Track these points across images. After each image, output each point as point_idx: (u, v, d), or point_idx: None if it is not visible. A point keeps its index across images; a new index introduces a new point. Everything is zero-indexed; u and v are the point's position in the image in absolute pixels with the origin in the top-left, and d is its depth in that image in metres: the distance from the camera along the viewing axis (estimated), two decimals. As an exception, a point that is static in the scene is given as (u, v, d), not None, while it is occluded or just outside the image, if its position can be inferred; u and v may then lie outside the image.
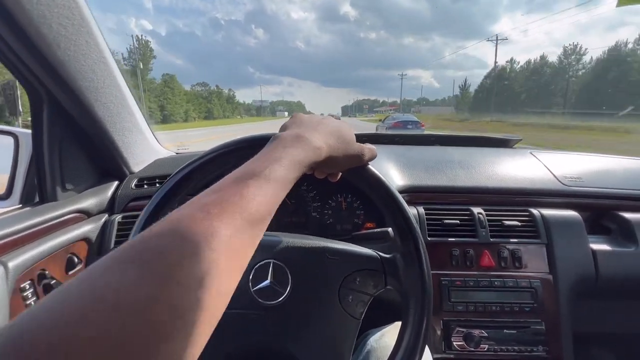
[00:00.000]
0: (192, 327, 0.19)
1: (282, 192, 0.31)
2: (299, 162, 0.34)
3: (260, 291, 0.50)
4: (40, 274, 0.62)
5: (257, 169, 0.30)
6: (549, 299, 0.71)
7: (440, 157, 0.92)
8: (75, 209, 0.72)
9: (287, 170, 0.32)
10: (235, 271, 0.24)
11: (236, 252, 0.24)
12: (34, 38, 0.51)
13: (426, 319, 0.43)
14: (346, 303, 0.50)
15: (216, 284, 0.21)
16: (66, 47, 0.56)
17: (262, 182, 0.29)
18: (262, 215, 0.28)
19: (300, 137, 0.36)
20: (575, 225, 0.75)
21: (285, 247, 0.52)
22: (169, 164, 0.93)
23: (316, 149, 0.36)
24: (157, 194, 0.47)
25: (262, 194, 0.28)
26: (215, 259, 0.22)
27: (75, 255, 0.71)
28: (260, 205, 0.27)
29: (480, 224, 0.75)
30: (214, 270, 0.21)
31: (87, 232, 0.74)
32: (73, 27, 0.56)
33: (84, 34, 0.60)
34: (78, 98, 0.64)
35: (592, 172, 0.88)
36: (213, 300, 0.21)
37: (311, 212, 0.90)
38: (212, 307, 0.21)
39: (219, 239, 0.23)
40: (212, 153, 0.47)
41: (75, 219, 0.73)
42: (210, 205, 0.25)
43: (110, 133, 0.76)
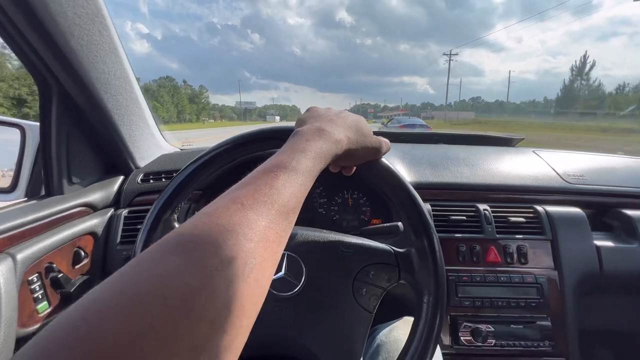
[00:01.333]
0: (237, 317, 0.19)
1: (309, 183, 0.32)
2: (323, 155, 0.34)
3: (274, 282, 0.50)
4: (47, 267, 0.62)
5: (284, 161, 0.30)
6: (555, 294, 0.71)
7: (445, 155, 0.93)
8: (82, 202, 0.72)
9: (313, 162, 0.32)
10: (272, 261, 0.25)
11: (272, 242, 0.24)
12: (49, 26, 0.51)
13: (440, 314, 0.43)
14: (359, 296, 0.50)
15: (255, 274, 0.22)
16: (80, 37, 0.56)
17: (291, 173, 0.29)
18: (293, 206, 0.28)
19: (322, 130, 0.36)
20: (579, 221, 0.76)
21: (299, 239, 0.52)
22: (174, 159, 0.92)
23: (337, 141, 0.37)
24: (169, 186, 0.47)
25: (291, 185, 0.28)
26: (252, 249, 0.22)
27: (82, 249, 0.70)
28: (291, 196, 0.28)
29: (486, 220, 0.76)
30: (252, 260, 0.22)
31: (93, 226, 0.73)
32: (88, 16, 0.56)
33: (98, 24, 0.59)
34: (88, 89, 0.64)
35: (595, 170, 0.89)
36: (253, 290, 0.21)
37: (317, 208, 0.90)
38: (253, 296, 0.21)
39: (255, 229, 0.23)
40: (223, 146, 0.47)
41: (81, 212, 0.72)
42: (243, 197, 0.25)
43: (118, 126, 0.76)
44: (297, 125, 0.41)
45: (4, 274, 0.51)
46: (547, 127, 19.13)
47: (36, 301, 0.59)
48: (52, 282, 0.62)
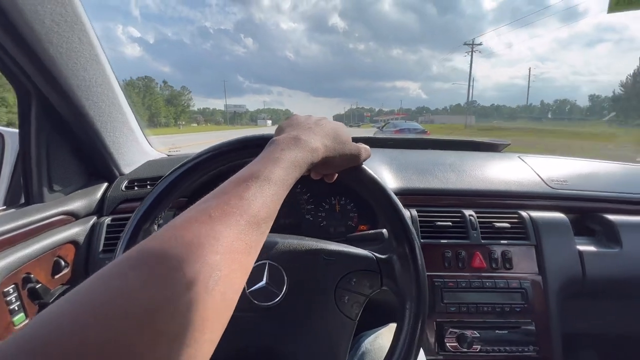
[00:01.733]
0: (200, 331, 0.19)
1: (282, 193, 0.32)
2: (297, 163, 0.34)
3: (255, 292, 0.49)
4: (25, 278, 0.60)
5: (257, 171, 0.30)
6: (539, 299, 0.72)
7: (432, 161, 0.94)
8: (63, 210, 0.70)
9: (286, 172, 0.32)
10: (241, 272, 0.24)
11: (240, 254, 0.24)
12: (25, 34, 0.50)
13: (421, 320, 0.43)
14: (342, 304, 0.50)
15: (221, 287, 0.21)
16: (58, 44, 0.55)
17: (263, 183, 0.29)
18: (264, 217, 0.28)
19: (297, 139, 0.37)
20: (562, 226, 0.77)
21: (280, 248, 0.52)
22: (160, 165, 0.91)
23: (313, 150, 0.37)
24: (150, 194, 0.46)
25: (263, 196, 0.28)
26: (218, 262, 0.22)
27: (62, 259, 0.69)
28: (262, 206, 0.28)
29: (471, 226, 0.76)
30: (217, 272, 0.21)
31: (75, 235, 0.72)
32: (66, 24, 0.55)
33: (77, 31, 0.59)
34: (68, 96, 0.63)
35: (577, 175, 0.91)
36: (218, 303, 0.21)
37: (305, 214, 0.90)
38: (218, 310, 0.21)
39: (222, 241, 0.23)
40: (206, 154, 0.46)
41: (62, 221, 0.70)
42: (211, 208, 0.25)
43: (101, 133, 0.75)
44: (276, 134, 0.41)
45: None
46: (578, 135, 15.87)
47: (12, 313, 0.57)
48: (30, 293, 0.60)
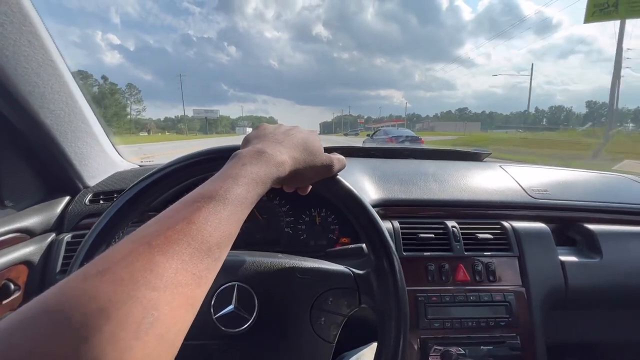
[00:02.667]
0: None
1: (242, 213, 0.29)
2: (260, 180, 0.31)
3: (223, 318, 0.45)
4: None
5: (211, 190, 0.27)
6: (523, 311, 0.70)
7: (414, 170, 0.92)
8: (14, 228, 0.64)
9: (247, 189, 0.30)
10: (186, 308, 0.21)
11: (186, 286, 0.21)
12: None
13: (403, 338, 0.41)
14: (318, 326, 0.46)
15: (157, 329, 0.18)
16: (4, 47, 0.50)
17: (217, 204, 0.26)
18: (218, 241, 0.25)
19: (261, 153, 0.34)
20: (544, 237, 0.77)
21: (250, 267, 0.48)
22: (130, 177, 0.86)
23: (279, 164, 0.34)
24: (107, 211, 0.42)
25: (217, 218, 0.25)
26: (155, 299, 0.19)
27: (12, 282, 0.62)
28: (215, 230, 0.25)
29: (454, 238, 0.74)
30: (153, 313, 0.18)
31: (29, 254, 0.66)
32: (12, 25, 0.51)
33: (27, 33, 0.54)
34: (19, 104, 0.57)
35: (558, 184, 0.91)
36: (154, 348, 0.18)
37: (284, 227, 0.86)
38: (152, 356, 0.18)
39: (162, 274, 0.20)
40: (170, 167, 0.43)
41: (13, 239, 0.64)
42: (152, 236, 0.22)
43: (60, 143, 0.69)
44: (242, 145, 0.38)
45: None
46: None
47: None
48: None
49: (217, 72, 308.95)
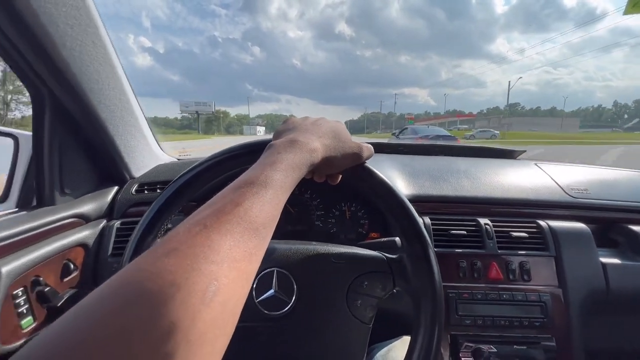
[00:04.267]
0: (197, 345, 0.18)
1: (281, 197, 0.31)
2: (296, 166, 0.34)
3: (264, 302, 0.48)
4: (34, 281, 0.60)
5: (252, 176, 0.30)
6: (559, 313, 0.69)
7: (445, 167, 0.91)
8: (73, 213, 0.70)
9: (284, 175, 0.32)
10: (242, 281, 0.24)
11: (240, 262, 0.23)
12: (39, 36, 0.50)
13: (439, 322, 0.42)
14: (355, 308, 0.48)
15: (220, 297, 0.21)
16: (72, 47, 0.56)
17: (260, 188, 0.29)
18: (264, 222, 0.27)
19: (294, 141, 0.36)
20: (583, 237, 0.74)
21: (287, 253, 0.51)
22: (170, 170, 0.91)
23: (311, 150, 0.36)
24: (156, 201, 0.46)
25: (261, 201, 0.28)
26: (215, 271, 0.21)
27: (71, 262, 0.69)
28: (260, 211, 0.27)
29: (487, 235, 0.73)
30: (215, 282, 0.21)
31: (85, 238, 0.72)
32: (80, 27, 0.56)
33: (91, 34, 0.59)
34: (81, 100, 0.63)
35: (598, 183, 0.87)
36: (218, 314, 0.20)
37: (314, 220, 0.88)
38: (217, 321, 0.20)
39: (219, 250, 0.22)
40: (211, 160, 0.46)
41: (72, 224, 0.70)
42: (206, 218, 0.24)
43: (113, 136, 0.75)
44: (274, 138, 0.41)
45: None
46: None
47: (20, 316, 0.57)
48: (38, 296, 0.60)
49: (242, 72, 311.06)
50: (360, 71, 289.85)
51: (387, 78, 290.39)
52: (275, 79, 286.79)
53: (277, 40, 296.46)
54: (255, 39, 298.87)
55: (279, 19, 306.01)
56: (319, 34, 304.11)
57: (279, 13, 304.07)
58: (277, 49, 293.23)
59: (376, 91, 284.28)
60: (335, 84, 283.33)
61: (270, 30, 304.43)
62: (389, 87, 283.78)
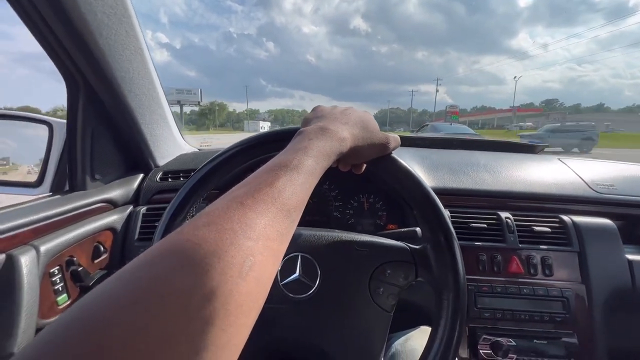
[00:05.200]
0: (235, 315, 0.19)
1: (312, 182, 0.32)
2: (326, 153, 0.34)
3: (289, 285, 0.49)
4: (68, 260, 0.63)
5: (286, 160, 0.31)
6: (582, 310, 0.67)
7: (465, 161, 0.90)
8: (103, 198, 0.73)
9: (315, 161, 0.33)
10: (273, 259, 0.24)
11: (272, 241, 0.24)
12: (78, 25, 0.53)
13: (460, 313, 0.42)
14: (377, 295, 0.49)
15: (255, 272, 0.21)
16: (108, 36, 0.58)
17: (292, 172, 0.29)
18: (295, 205, 0.28)
19: (325, 129, 0.37)
20: (609, 233, 0.72)
21: (312, 239, 0.52)
22: (192, 159, 0.94)
23: (341, 139, 0.37)
24: (183, 187, 0.47)
25: (293, 184, 0.29)
26: (251, 248, 0.22)
27: (101, 244, 0.72)
28: (292, 194, 0.28)
29: (508, 229, 0.73)
30: (251, 258, 0.22)
31: (113, 222, 0.75)
32: (116, 16, 0.58)
33: (125, 24, 0.61)
34: (114, 88, 0.66)
35: (625, 179, 0.84)
36: (252, 288, 0.21)
37: (332, 211, 0.89)
38: (252, 294, 0.21)
39: (255, 227, 0.23)
40: (237, 147, 0.47)
41: (102, 208, 0.74)
42: (243, 196, 0.25)
43: (140, 125, 0.78)
44: (302, 125, 0.41)
45: (27, 266, 0.53)
46: None
47: (56, 293, 0.60)
48: (72, 275, 0.63)
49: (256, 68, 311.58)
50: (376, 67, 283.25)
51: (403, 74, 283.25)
52: (289, 74, 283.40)
53: (292, 36, 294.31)
54: (270, 34, 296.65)
55: (293, 14, 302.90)
56: (334, 29, 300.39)
57: (294, 8, 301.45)
58: (291, 44, 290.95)
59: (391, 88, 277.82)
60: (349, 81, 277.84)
61: (284, 25, 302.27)
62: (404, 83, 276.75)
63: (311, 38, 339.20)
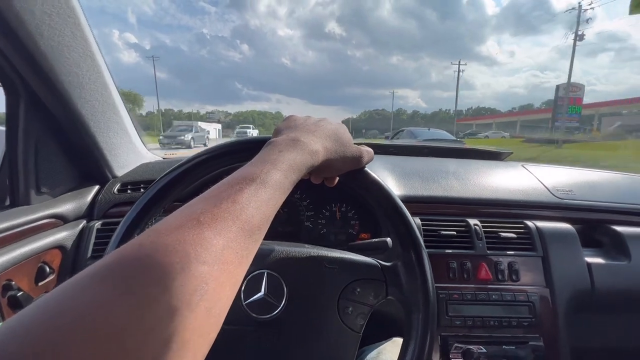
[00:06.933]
0: (179, 355, 0.17)
1: (279, 198, 0.29)
2: (296, 166, 0.32)
3: (253, 304, 0.46)
4: (5, 285, 0.56)
5: (252, 173, 0.28)
6: (547, 313, 0.69)
7: (435, 168, 0.92)
8: (50, 213, 0.67)
9: (284, 175, 0.30)
10: (230, 285, 0.22)
11: (230, 264, 0.22)
12: (13, 24, 0.47)
13: (430, 332, 0.41)
14: (345, 315, 0.47)
15: (206, 303, 0.19)
16: (50, 37, 0.53)
17: (258, 187, 0.27)
18: (259, 223, 0.26)
19: (297, 141, 0.35)
20: (569, 237, 0.75)
21: (279, 255, 0.49)
22: (155, 168, 0.88)
23: (313, 152, 0.35)
24: (140, 199, 0.43)
25: (258, 200, 0.26)
26: (205, 273, 0.19)
27: (47, 265, 0.65)
28: (257, 211, 0.25)
29: (476, 236, 0.74)
30: (204, 286, 0.19)
31: (62, 240, 0.68)
32: (59, 16, 0.53)
33: (71, 24, 0.56)
34: (60, 93, 0.60)
35: (583, 185, 0.89)
36: (202, 321, 0.19)
37: (304, 221, 0.87)
38: (202, 328, 0.18)
39: (211, 249, 0.21)
40: (202, 156, 0.44)
41: (49, 224, 0.67)
42: (200, 213, 0.22)
43: (94, 133, 0.72)
44: (273, 135, 0.39)
45: None
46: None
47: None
48: (10, 301, 0.56)
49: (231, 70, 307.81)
50: (352, 71, 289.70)
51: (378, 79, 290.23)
52: (265, 78, 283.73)
53: (267, 39, 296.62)
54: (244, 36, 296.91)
55: (268, 16, 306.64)
56: (309, 32, 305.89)
57: (268, 11, 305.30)
58: (266, 47, 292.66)
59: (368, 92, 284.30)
60: (326, 84, 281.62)
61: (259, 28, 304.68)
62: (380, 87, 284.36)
63: (286, 41, 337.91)
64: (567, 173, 0.96)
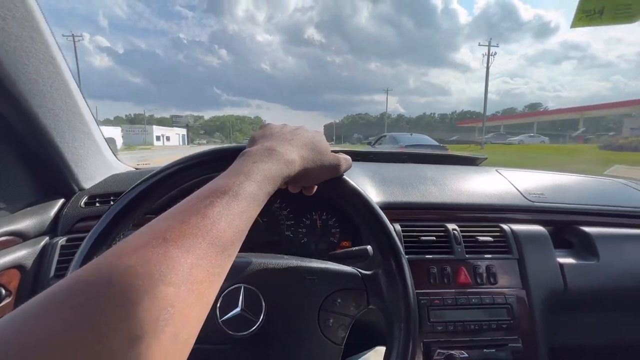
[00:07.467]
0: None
1: (254, 210, 0.28)
2: (271, 177, 0.31)
3: (229, 321, 0.44)
4: None
5: (224, 185, 0.27)
6: (524, 314, 0.71)
7: (413, 174, 0.93)
8: (7, 231, 0.62)
9: (258, 186, 0.29)
10: (199, 308, 0.20)
11: (200, 284, 0.20)
12: None
13: (412, 342, 0.41)
14: (326, 328, 0.46)
15: (173, 328, 0.17)
16: (5, 42, 0.49)
17: (230, 199, 0.26)
18: (232, 238, 0.24)
19: (272, 151, 0.34)
20: (542, 239, 0.78)
21: (257, 268, 0.47)
22: (126, 179, 0.84)
23: (289, 162, 0.34)
24: (108, 212, 0.41)
25: (230, 213, 0.25)
26: (171, 295, 0.18)
27: (3, 287, 0.60)
28: (229, 226, 0.24)
29: (455, 240, 0.75)
30: (169, 309, 0.17)
31: (21, 258, 0.63)
32: (15, 19, 0.49)
33: (29, 28, 0.52)
34: (18, 102, 0.56)
35: (553, 188, 0.93)
36: (168, 348, 0.17)
37: (284, 230, 0.85)
38: (167, 357, 0.17)
39: (178, 269, 0.19)
40: (174, 166, 0.42)
41: (6, 242, 0.62)
42: (167, 230, 0.21)
43: (58, 144, 0.67)
44: (248, 144, 0.38)
45: None
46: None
47: None
48: None
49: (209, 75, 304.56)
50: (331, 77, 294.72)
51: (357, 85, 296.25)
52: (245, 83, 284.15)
53: (245, 44, 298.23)
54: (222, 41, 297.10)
55: (246, 22, 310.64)
56: (289, 38, 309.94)
57: (247, 16, 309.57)
58: (245, 52, 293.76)
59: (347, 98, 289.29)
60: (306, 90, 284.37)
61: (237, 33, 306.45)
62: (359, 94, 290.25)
63: (265, 47, 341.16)
64: (538, 177, 1.00)
